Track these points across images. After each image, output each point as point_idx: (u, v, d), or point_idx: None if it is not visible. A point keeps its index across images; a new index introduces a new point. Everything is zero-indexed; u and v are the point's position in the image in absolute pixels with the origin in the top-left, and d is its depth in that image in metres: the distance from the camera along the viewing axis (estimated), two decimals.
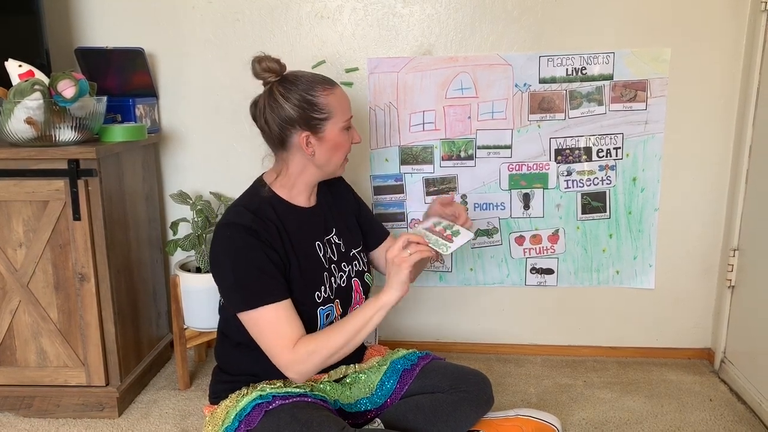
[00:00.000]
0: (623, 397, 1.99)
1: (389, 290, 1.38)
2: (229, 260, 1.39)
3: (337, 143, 1.47)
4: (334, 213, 1.62)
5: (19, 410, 1.90)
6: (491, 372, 2.16)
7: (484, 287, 2.25)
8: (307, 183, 1.52)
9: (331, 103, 1.44)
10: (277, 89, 1.43)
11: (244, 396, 1.46)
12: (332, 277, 1.53)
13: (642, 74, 2.04)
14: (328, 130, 1.45)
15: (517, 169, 2.13)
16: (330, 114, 1.44)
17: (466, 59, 2.06)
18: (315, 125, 1.43)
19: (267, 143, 1.51)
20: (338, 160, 1.50)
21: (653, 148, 2.09)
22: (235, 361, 1.54)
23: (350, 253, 1.60)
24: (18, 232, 1.78)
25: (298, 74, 1.46)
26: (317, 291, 1.48)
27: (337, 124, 1.46)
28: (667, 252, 2.18)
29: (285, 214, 1.48)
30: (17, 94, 1.67)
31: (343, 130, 1.48)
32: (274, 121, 1.43)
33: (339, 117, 1.46)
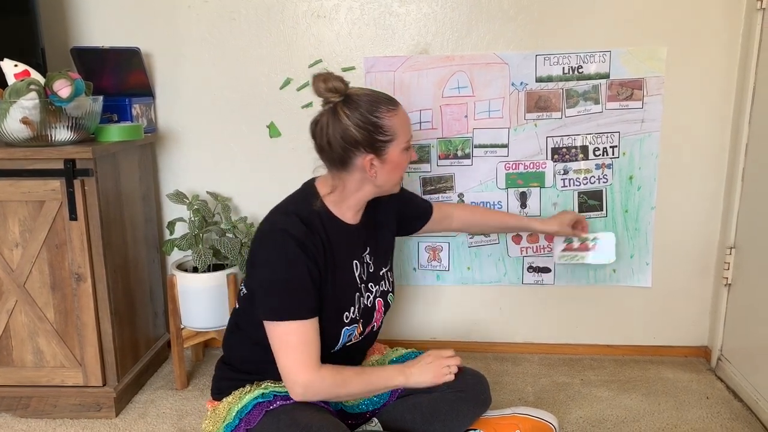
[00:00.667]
0: (620, 395, 2.00)
1: (422, 375, 1.48)
2: (272, 267, 1.37)
3: (398, 164, 1.44)
4: (372, 230, 1.59)
5: (16, 411, 1.90)
6: (488, 371, 2.16)
7: (482, 286, 2.25)
8: (360, 200, 1.50)
9: (395, 124, 1.41)
10: (341, 110, 1.38)
11: (246, 393, 1.46)
12: (361, 297, 1.52)
13: (638, 73, 2.05)
14: (391, 151, 1.42)
15: (514, 167, 2.13)
16: (394, 136, 1.41)
17: (462, 58, 2.06)
18: (379, 147, 1.40)
19: (324, 161, 1.46)
20: (397, 179, 1.48)
21: (649, 147, 2.10)
22: (243, 356, 1.53)
23: (380, 272, 1.59)
24: (14, 232, 1.78)
25: (360, 94, 1.41)
26: (346, 311, 1.47)
27: (399, 146, 1.43)
28: (663, 250, 2.18)
29: (333, 230, 1.46)
30: (13, 93, 1.66)
31: (404, 150, 1.45)
32: (337, 143, 1.39)
33: (402, 138, 1.43)
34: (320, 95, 1.41)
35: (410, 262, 2.25)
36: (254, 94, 2.14)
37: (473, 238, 2.20)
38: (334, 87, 1.38)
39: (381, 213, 1.62)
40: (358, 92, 1.42)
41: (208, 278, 1.99)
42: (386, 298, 1.60)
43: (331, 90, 1.39)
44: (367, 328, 1.55)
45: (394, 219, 1.67)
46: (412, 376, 1.47)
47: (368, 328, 1.56)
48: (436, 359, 1.50)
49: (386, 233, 1.64)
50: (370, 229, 1.58)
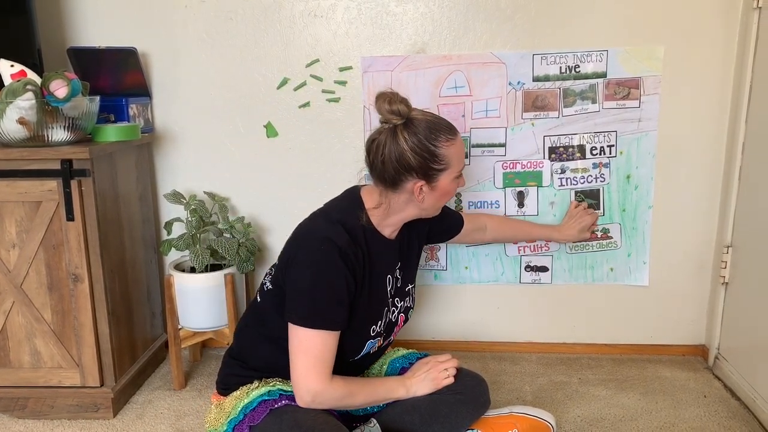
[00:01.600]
0: (618, 394, 2.00)
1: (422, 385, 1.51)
2: (311, 272, 1.37)
3: (446, 191, 1.46)
4: (405, 246, 1.60)
5: (14, 411, 1.89)
6: (486, 370, 2.16)
7: (479, 285, 2.25)
8: (402, 220, 1.51)
9: (451, 154, 1.42)
10: (401, 133, 1.38)
11: (254, 389, 1.47)
12: (389, 312, 1.54)
13: (635, 72, 2.05)
14: (443, 179, 1.43)
15: (512, 167, 2.14)
16: (448, 165, 1.42)
17: (459, 57, 2.06)
18: (432, 175, 1.41)
19: (373, 177, 1.46)
20: (442, 204, 1.50)
21: (647, 146, 2.10)
22: (256, 351, 1.52)
23: (405, 289, 1.61)
24: (11, 233, 1.77)
25: (421, 119, 1.41)
26: (374, 325, 1.49)
27: (451, 175, 1.44)
28: (661, 249, 2.18)
29: (374, 244, 1.46)
30: (9, 94, 1.66)
31: (455, 179, 1.46)
32: (391, 164, 1.39)
33: (455, 168, 1.44)
34: (382, 115, 1.41)
35: None
36: (251, 94, 2.14)
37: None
38: (398, 110, 1.39)
39: (414, 229, 1.62)
40: (420, 117, 1.41)
41: (205, 278, 1.98)
42: (408, 314, 1.63)
43: (395, 112, 1.39)
44: (386, 341, 1.58)
45: (424, 234, 1.69)
46: (412, 386, 1.50)
47: (386, 341, 1.58)
48: (434, 366, 1.52)
49: (415, 248, 1.65)
50: (403, 244, 1.59)
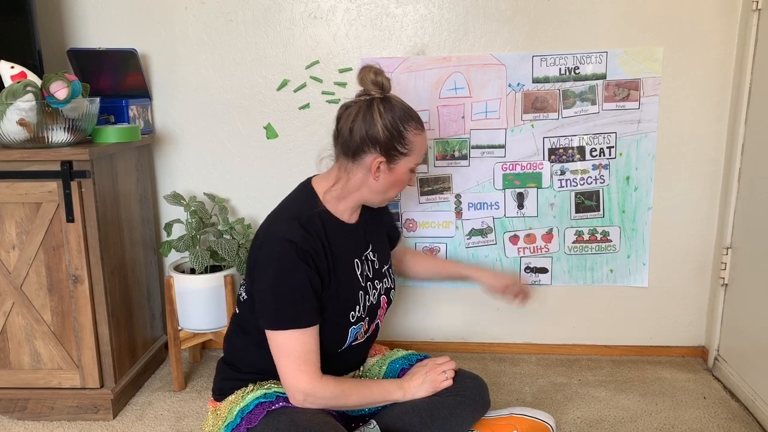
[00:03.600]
0: (617, 396, 2.00)
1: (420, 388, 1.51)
2: (271, 275, 1.38)
3: (400, 179, 1.47)
4: (372, 228, 1.61)
5: (13, 413, 1.89)
6: (486, 371, 2.16)
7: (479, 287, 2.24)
8: (357, 200, 1.51)
9: (416, 142, 1.45)
10: (378, 106, 1.41)
11: (249, 393, 1.47)
12: (367, 295, 1.53)
13: (635, 73, 2.05)
14: (401, 165, 1.45)
15: (511, 168, 2.14)
16: (410, 152, 1.44)
17: (459, 59, 2.07)
18: (393, 155, 1.43)
19: (336, 147, 1.48)
20: (391, 195, 1.51)
21: (646, 147, 2.10)
22: (245, 356, 1.53)
23: (383, 269, 1.61)
24: (11, 234, 1.78)
25: (399, 101, 1.45)
26: (352, 311, 1.49)
27: (409, 164, 1.46)
28: (660, 250, 2.18)
29: (332, 231, 1.47)
30: (9, 95, 1.66)
31: (411, 170, 1.49)
32: (359, 133, 1.41)
33: (415, 158, 1.46)
34: (362, 84, 1.44)
35: None
36: (251, 95, 2.14)
37: (470, 238, 2.20)
38: (380, 82, 1.42)
39: (378, 215, 1.65)
40: (398, 99, 1.45)
41: (205, 279, 1.98)
42: (389, 294, 1.62)
43: (377, 84, 1.42)
44: (372, 325, 1.57)
45: (385, 226, 1.71)
46: (410, 389, 1.50)
47: (372, 325, 1.57)
48: (432, 368, 1.52)
49: (382, 232, 1.67)
50: (370, 227, 1.60)
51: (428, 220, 2.20)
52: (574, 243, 2.18)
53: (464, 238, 2.20)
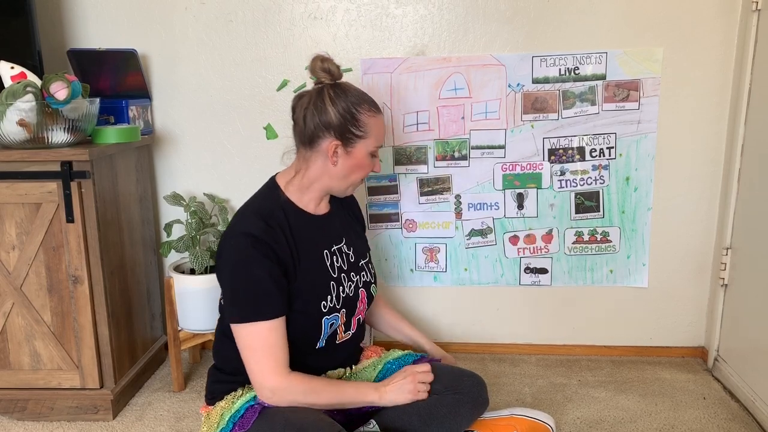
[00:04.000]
0: (617, 396, 2.00)
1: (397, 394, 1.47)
2: (230, 270, 1.39)
3: (360, 163, 1.48)
4: (345, 222, 1.62)
5: (13, 413, 1.89)
6: (486, 372, 2.16)
7: (479, 287, 2.25)
8: (320, 190, 1.51)
9: (371, 124, 1.46)
10: (327, 92, 1.43)
11: (239, 397, 1.46)
12: (340, 286, 1.52)
13: (634, 74, 2.05)
14: (358, 148, 1.46)
15: (511, 169, 2.14)
16: (366, 134, 1.45)
17: (459, 59, 2.07)
18: (348, 138, 1.44)
19: (295, 138, 1.50)
20: (354, 180, 1.50)
21: (646, 148, 2.10)
22: (232, 360, 1.51)
23: (359, 263, 1.60)
24: (11, 235, 1.77)
25: (351, 87, 1.47)
26: (323, 300, 1.48)
27: (367, 147, 1.47)
28: (660, 251, 2.18)
29: (296, 221, 1.47)
30: (9, 95, 1.66)
31: (370, 154, 1.49)
32: (312, 120, 1.43)
33: (372, 140, 1.47)
34: (314, 73, 1.46)
35: (407, 263, 2.25)
36: (251, 95, 2.14)
37: (470, 238, 2.20)
38: (328, 69, 1.44)
39: (352, 213, 1.69)
40: (350, 85, 1.48)
41: (205, 280, 1.98)
42: (369, 289, 1.61)
43: (325, 71, 1.44)
44: (353, 320, 1.55)
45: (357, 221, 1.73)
46: (386, 394, 1.47)
47: (353, 320, 1.56)
48: (412, 376, 1.49)
49: (355, 225, 1.70)
50: (344, 221, 1.63)
51: (428, 221, 2.20)
52: (573, 243, 2.18)
53: (464, 238, 2.20)
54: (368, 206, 2.20)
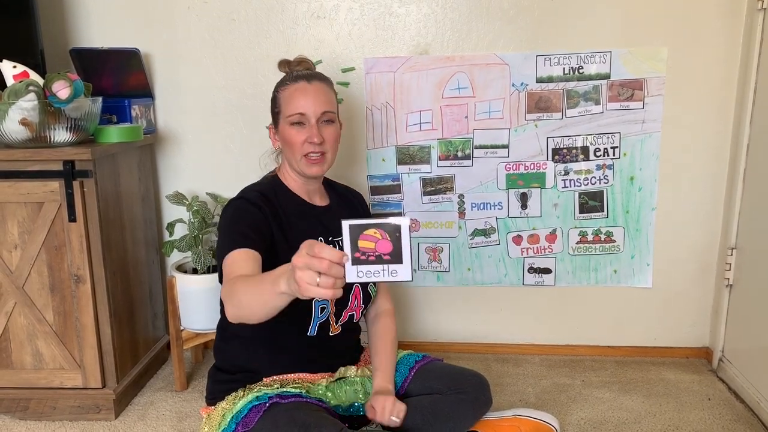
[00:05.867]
0: (621, 397, 1.99)
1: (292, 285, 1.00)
2: (223, 224, 1.43)
3: (286, 139, 1.49)
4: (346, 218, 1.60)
5: (15, 413, 1.89)
6: (489, 372, 2.15)
7: (482, 287, 2.24)
8: (294, 173, 1.54)
9: (282, 97, 1.50)
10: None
11: (240, 398, 1.45)
12: None
13: (639, 73, 2.04)
14: (280, 124, 1.51)
15: (515, 168, 2.13)
16: (280, 108, 1.51)
17: (462, 59, 2.06)
18: (274, 118, 1.54)
19: None
20: (293, 156, 1.49)
21: (650, 147, 2.09)
22: (232, 356, 1.53)
23: None
24: (13, 234, 1.77)
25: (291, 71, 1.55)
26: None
27: (284, 120, 1.49)
28: (664, 251, 2.17)
29: (286, 199, 1.52)
30: (12, 95, 1.66)
31: (291, 126, 1.48)
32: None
33: (285, 111, 1.49)
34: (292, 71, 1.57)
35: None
36: (254, 95, 2.14)
37: (474, 238, 2.19)
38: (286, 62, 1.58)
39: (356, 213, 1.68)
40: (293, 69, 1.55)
41: (207, 279, 1.98)
42: (366, 287, 1.59)
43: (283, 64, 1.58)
44: (344, 312, 1.54)
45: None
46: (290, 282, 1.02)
47: (345, 313, 1.54)
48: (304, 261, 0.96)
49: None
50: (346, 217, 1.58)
51: (431, 220, 2.19)
52: (577, 243, 2.17)
53: (467, 238, 2.20)
54: (371, 206, 2.19)
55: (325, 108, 1.48)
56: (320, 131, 1.47)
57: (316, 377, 1.54)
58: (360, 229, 0.95)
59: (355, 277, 0.96)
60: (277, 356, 1.51)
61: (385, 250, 0.96)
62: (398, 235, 0.95)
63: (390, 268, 0.97)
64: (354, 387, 1.56)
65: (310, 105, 1.47)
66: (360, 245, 0.95)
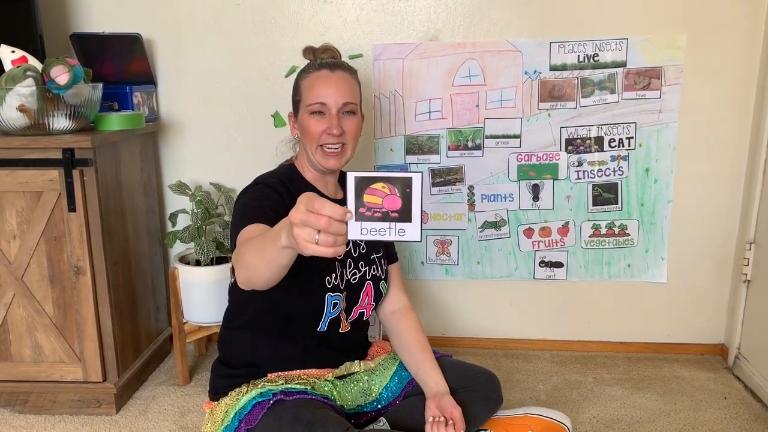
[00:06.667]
0: (635, 395, 1.94)
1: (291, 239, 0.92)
2: (239, 206, 1.37)
3: (305, 128, 1.44)
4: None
5: (15, 406, 1.86)
6: (499, 368, 2.11)
7: (492, 281, 2.19)
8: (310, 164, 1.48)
9: (304, 85, 1.45)
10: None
11: (244, 394, 1.41)
12: (344, 269, 1.48)
13: (656, 61, 1.98)
14: (301, 113, 1.46)
15: (527, 159, 2.08)
16: (301, 96, 1.46)
17: (474, 45, 2.00)
18: (294, 106, 1.49)
19: None
20: (311, 146, 1.44)
21: (667, 138, 2.03)
22: (236, 348, 1.50)
23: (371, 256, 1.56)
24: (11, 224, 1.73)
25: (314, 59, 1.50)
26: (327, 276, 1.43)
27: (304, 108, 1.44)
28: (680, 245, 2.12)
29: (301, 188, 1.45)
30: (9, 80, 1.61)
31: (310, 115, 1.43)
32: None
33: (306, 100, 1.44)
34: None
35: (418, 256, 2.19)
36: (259, 82, 2.09)
37: (483, 231, 2.14)
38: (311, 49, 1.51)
39: None
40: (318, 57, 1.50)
41: (210, 271, 1.94)
42: (378, 284, 1.56)
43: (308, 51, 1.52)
44: (354, 309, 1.50)
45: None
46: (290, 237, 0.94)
47: (355, 310, 1.50)
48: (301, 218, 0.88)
49: None
50: None
51: (440, 212, 2.15)
52: (590, 237, 2.12)
53: (477, 230, 2.15)
54: None
55: (347, 99, 1.43)
56: (340, 122, 1.42)
57: (322, 372, 1.50)
58: (367, 182, 0.87)
59: (358, 233, 0.88)
60: (284, 350, 1.47)
61: (392, 207, 0.87)
62: (408, 191, 0.87)
63: (397, 227, 0.88)
64: (360, 386, 1.52)
65: (331, 94, 1.42)
66: (365, 200, 0.87)
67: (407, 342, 1.58)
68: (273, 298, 1.33)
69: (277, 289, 1.20)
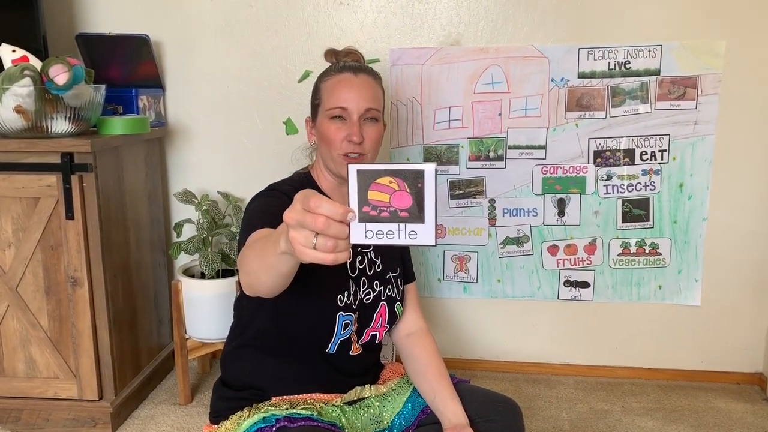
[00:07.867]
0: (666, 426, 1.82)
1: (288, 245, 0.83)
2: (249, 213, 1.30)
3: (324, 133, 1.36)
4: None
5: (6, 423, 1.79)
6: (519, 394, 2.00)
7: (513, 300, 2.11)
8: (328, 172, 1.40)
9: (324, 88, 1.37)
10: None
11: (245, 418, 1.32)
12: (357, 287, 1.39)
13: (692, 69, 1.90)
14: (319, 117, 1.38)
15: (552, 171, 2.00)
16: (320, 100, 1.37)
17: (497, 51, 1.93)
18: (313, 110, 1.40)
19: None
20: (329, 153, 1.36)
21: (703, 152, 1.95)
22: (238, 368, 1.41)
23: (386, 276, 1.46)
24: (6, 231, 1.67)
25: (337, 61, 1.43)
26: (340, 294, 1.34)
27: (324, 112, 1.36)
28: (715, 266, 2.03)
29: None
30: (5, 79, 1.54)
31: (330, 120, 1.35)
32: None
33: (325, 104, 1.36)
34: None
35: (435, 272, 2.10)
36: (270, 87, 2.04)
37: (505, 247, 2.03)
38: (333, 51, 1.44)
39: None
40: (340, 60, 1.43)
41: (215, 285, 1.86)
42: (393, 306, 1.46)
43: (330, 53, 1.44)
44: (366, 332, 1.40)
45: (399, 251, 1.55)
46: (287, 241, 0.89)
47: (367, 332, 1.41)
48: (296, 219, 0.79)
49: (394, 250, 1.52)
50: None
51: (458, 227, 2.06)
52: (619, 255, 2.02)
53: (498, 246, 2.06)
54: None
55: (370, 105, 1.35)
56: (361, 129, 1.34)
57: (330, 397, 1.39)
58: (371, 175, 0.74)
59: (362, 237, 0.76)
60: (289, 371, 1.37)
61: (402, 205, 0.74)
62: (420, 186, 0.74)
63: (408, 229, 0.75)
64: (370, 412, 1.41)
65: (353, 99, 1.34)
66: (370, 197, 0.75)
67: (423, 367, 1.47)
68: (280, 314, 1.27)
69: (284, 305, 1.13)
